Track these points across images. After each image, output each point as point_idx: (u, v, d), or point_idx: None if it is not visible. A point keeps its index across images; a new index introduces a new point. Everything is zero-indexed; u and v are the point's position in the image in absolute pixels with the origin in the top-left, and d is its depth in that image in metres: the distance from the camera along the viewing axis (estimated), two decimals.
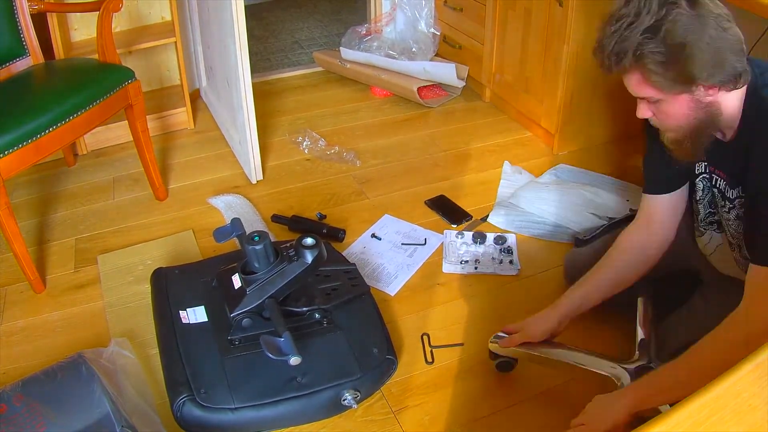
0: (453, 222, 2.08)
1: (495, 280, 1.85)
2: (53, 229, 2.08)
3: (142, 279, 1.82)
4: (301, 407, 1.39)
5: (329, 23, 3.97)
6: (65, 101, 1.78)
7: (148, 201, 2.21)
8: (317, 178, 2.33)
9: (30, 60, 2.03)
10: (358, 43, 3.05)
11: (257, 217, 2.10)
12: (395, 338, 1.62)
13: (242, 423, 1.37)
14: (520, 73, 2.55)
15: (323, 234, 1.98)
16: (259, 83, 3.00)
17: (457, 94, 2.90)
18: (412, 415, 1.46)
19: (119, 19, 2.52)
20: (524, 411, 1.47)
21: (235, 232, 1.53)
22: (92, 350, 1.52)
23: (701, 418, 0.65)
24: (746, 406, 0.67)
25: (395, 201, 2.20)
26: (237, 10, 1.96)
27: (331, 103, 2.87)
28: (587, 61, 2.27)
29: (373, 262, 1.91)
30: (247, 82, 2.10)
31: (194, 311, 1.55)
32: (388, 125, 2.69)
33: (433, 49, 2.98)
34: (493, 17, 2.60)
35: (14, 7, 1.97)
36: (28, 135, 1.67)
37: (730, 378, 0.69)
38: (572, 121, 2.39)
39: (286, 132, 2.62)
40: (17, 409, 1.30)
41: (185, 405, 1.34)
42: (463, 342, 1.65)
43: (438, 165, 2.41)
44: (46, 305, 1.78)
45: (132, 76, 1.96)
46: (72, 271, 1.90)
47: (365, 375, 1.43)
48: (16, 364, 1.59)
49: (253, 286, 1.46)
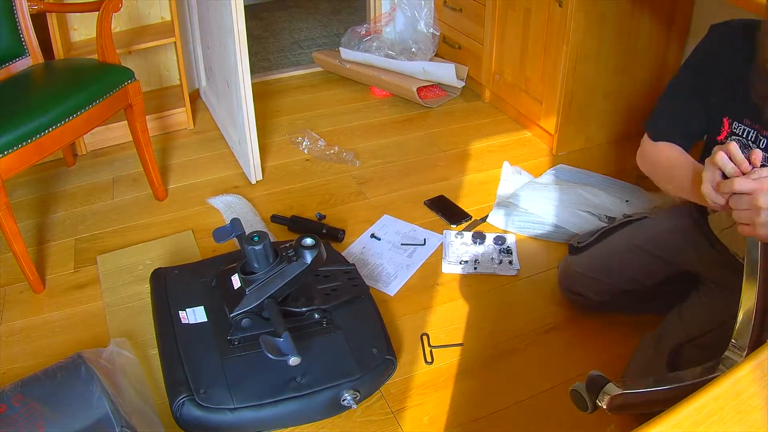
0: (452, 222, 2.08)
1: (494, 280, 1.85)
2: (53, 229, 2.08)
3: (142, 279, 1.82)
4: (301, 407, 1.39)
5: (329, 23, 3.97)
6: (65, 101, 1.77)
7: (148, 201, 2.21)
8: (316, 178, 2.33)
9: (30, 60, 2.03)
10: (357, 44, 3.05)
11: (257, 217, 2.10)
12: (395, 338, 1.63)
13: (242, 423, 1.37)
14: (520, 74, 2.55)
15: (323, 234, 1.98)
16: (259, 83, 3.01)
17: (456, 94, 2.90)
18: (411, 415, 1.46)
19: (119, 19, 2.52)
20: (524, 411, 1.47)
21: (235, 232, 1.53)
22: (92, 350, 1.52)
23: (701, 418, 0.65)
24: (746, 406, 0.67)
25: (395, 201, 2.20)
26: (236, 10, 1.96)
27: (330, 104, 2.87)
28: (587, 61, 2.28)
29: (372, 263, 1.91)
30: (246, 82, 2.10)
31: (194, 311, 1.54)
32: (388, 125, 2.69)
33: (433, 50, 2.98)
34: (493, 17, 2.60)
35: (14, 7, 1.97)
36: (28, 135, 1.67)
37: (730, 378, 0.69)
38: (572, 121, 2.39)
39: (286, 132, 2.63)
40: (16, 410, 1.30)
41: (185, 405, 1.34)
42: (463, 342, 1.65)
43: (437, 165, 2.41)
44: (46, 305, 1.78)
45: (131, 76, 1.96)
46: (71, 271, 1.90)
47: (365, 375, 1.43)
48: (16, 364, 1.59)
49: (252, 287, 1.46)
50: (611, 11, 2.22)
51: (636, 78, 2.41)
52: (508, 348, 1.63)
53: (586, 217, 2.01)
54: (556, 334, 1.67)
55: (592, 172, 2.30)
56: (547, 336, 1.67)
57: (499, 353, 1.62)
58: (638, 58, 2.37)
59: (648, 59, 2.39)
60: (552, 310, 1.73)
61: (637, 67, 2.39)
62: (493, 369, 1.58)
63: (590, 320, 1.69)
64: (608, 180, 2.25)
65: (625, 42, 2.31)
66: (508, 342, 1.65)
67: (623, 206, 2.04)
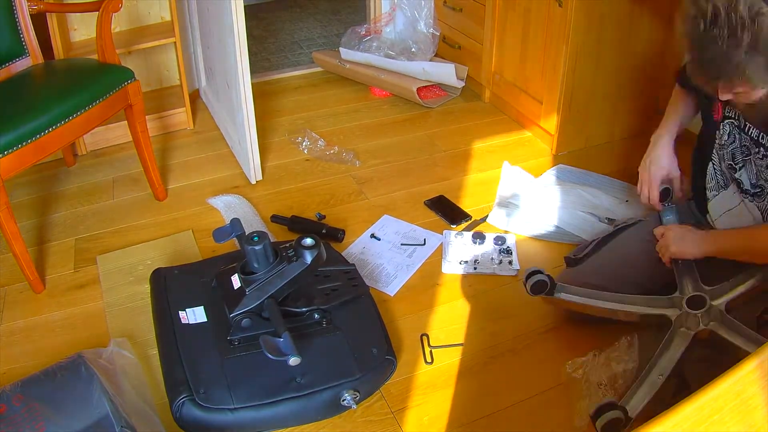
0: (452, 222, 2.08)
1: (494, 280, 1.85)
2: (53, 230, 2.08)
3: (142, 279, 1.82)
4: (301, 408, 1.39)
5: (329, 23, 3.97)
6: (65, 101, 1.77)
7: (148, 201, 2.21)
8: (316, 178, 2.33)
9: (30, 60, 2.03)
10: (357, 44, 3.05)
11: (256, 217, 2.10)
12: (394, 338, 1.62)
13: (241, 423, 1.37)
14: (520, 74, 2.55)
15: (322, 234, 1.98)
16: (259, 83, 3.01)
17: (456, 94, 2.90)
18: (411, 415, 1.46)
19: (119, 19, 2.52)
20: (524, 411, 1.47)
21: (235, 232, 1.53)
22: (92, 350, 1.52)
23: (701, 418, 0.65)
24: (746, 406, 0.67)
25: (395, 201, 2.20)
26: (236, 10, 1.96)
27: (330, 104, 2.87)
28: (587, 61, 2.28)
29: (372, 263, 1.91)
30: (246, 83, 2.10)
31: (194, 311, 1.54)
32: (388, 125, 2.69)
33: (433, 50, 2.98)
34: (493, 17, 2.60)
35: (14, 7, 1.97)
36: (28, 135, 1.67)
37: (730, 378, 0.69)
38: (572, 121, 2.39)
39: (286, 132, 2.63)
40: (17, 410, 1.30)
41: (185, 405, 1.34)
42: (463, 342, 1.65)
43: (437, 165, 2.41)
44: (46, 305, 1.78)
45: (131, 77, 1.96)
46: (72, 271, 1.90)
47: (364, 375, 1.43)
48: (16, 364, 1.59)
49: (252, 287, 1.46)
50: (611, 11, 2.22)
51: (636, 78, 2.41)
52: (508, 348, 1.63)
53: (586, 218, 2.01)
54: (555, 334, 1.67)
55: (592, 172, 2.30)
56: (547, 336, 1.67)
57: (499, 353, 1.62)
58: (638, 58, 2.37)
59: (648, 59, 2.39)
60: (552, 310, 1.73)
61: (637, 68, 2.39)
62: (494, 369, 1.58)
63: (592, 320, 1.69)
64: (608, 180, 2.25)
65: (625, 42, 2.31)
66: (508, 342, 1.65)
67: (623, 206, 2.04)
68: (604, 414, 1.23)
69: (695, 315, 1.40)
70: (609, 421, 1.23)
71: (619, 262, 1.63)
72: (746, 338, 1.33)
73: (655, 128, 1.70)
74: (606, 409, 1.24)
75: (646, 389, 1.32)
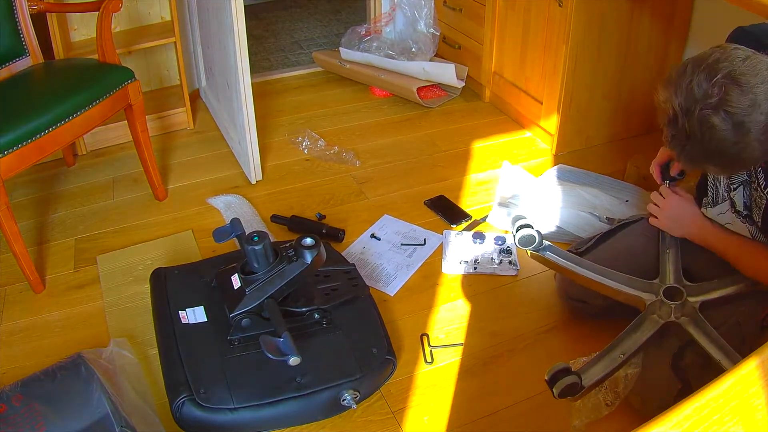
0: (452, 222, 2.08)
1: (494, 280, 1.85)
2: (53, 229, 2.08)
3: (142, 279, 1.82)
4: (301, 407, 1.39)
5: (329, 23, 3.97)
6: (65, 101, 1.77)
7: (148, 201, 2.21)
8: (317, 178, 2.33)
9: (30, 60, 2.03)
10: (357, 44, 3.05)
11: (256, 217, 2.10)
12: (394, 338, 1.62)
13: (241, 423, 1.37)
14: (520, 73, 2.55)
15: (323, 234, 1.98)
16: (259, 83, 3.00)
17: (456, 94, 2.90)
18: (411, 415, 1.46)
19: (119, 19, 2.52)
20: (524, 411, 1.47)
21: (235, 232, 1.53)
22: (92, 350, 1.52)
23: (701, 418, 0.65)
24: (746, 406, 0.67)
25: (395, 201, 2.20)
26: (236, 10, 1.96)
27: (330, 104, 2.87)
28: (587, 61, 2.28)
29: (372, 263, 1.91)
30: (246, 82, 2.10)
31: (194, 311, 1.54)
32: (388, 125, 2.69)
33: (433, 50, 2.98)
34: (493, 17, 2.60)
35: (14, 7, 1.97)
36: (28, 135, 1.67)
37: (730, 378, 0.69)
38: (572, 121, 2.39)
39: (286, 132, 2.62)
40: (17, 410, 1.30)
41: (185, 405, 1.34)
42: (463, 342, 1.65)
43: (437, 165, 2.41)
44: (46, 305, 1.78)
45: (132, 76, 1.96)
46: (71, 271, 1.90)
47: (365, 375, 1.43)
48: (16, 364, 1.59)
49: (252, 287, 1.46)
50: (611, 11, 2.22)
51: (636, 78, 2.41)
52: (508, 348, 1.63)
53: (586, 218, 2.01)
54: (556, 334, 1.67)
55: (592, 172, 2.30)
56: (547, 336, 1.67)
57: (499, 353, 1.62)
58: (638, 58, 2.37)
59: (648, 59, 2.39)
60: (552, 310, 1.73)
61: (637, 67, 2.39)
62: (493, 369, 1.58)
63: (590, 320, 1.69)
64: (608, 180, 2.24)
65: (625, 42, 2.31)
66: (508, 342, 1.65)
67: (623, 206, 2.04)
68: (562, 379, 1.28)
69: (669, 305, 1.40)
70: (567, 386, 1.27)
71: (623, 253, 1.63)
72: (712, 341, 1.32)
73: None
74: (562, 374, 1.29)
75: (604, 363, 1.36)
